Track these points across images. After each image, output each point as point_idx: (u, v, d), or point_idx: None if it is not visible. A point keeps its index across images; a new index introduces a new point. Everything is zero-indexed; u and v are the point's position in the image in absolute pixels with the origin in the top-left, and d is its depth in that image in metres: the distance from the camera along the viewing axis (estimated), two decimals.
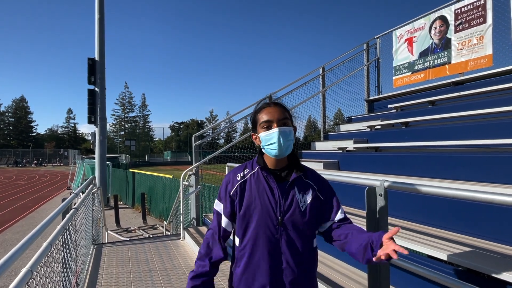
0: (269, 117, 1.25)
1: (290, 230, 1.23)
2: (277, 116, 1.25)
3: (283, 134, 1.23)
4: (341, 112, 6.93)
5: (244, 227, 1.26)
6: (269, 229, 1.22)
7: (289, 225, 1.23)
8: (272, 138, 1.23)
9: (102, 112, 13.96)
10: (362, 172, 4.07)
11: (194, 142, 5.03)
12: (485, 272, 1.57)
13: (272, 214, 1.23)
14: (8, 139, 65.68)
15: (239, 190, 1.29)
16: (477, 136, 3.39)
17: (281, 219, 1.22)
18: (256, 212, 1.23)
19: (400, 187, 1.49)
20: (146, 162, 48.90)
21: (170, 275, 3.45)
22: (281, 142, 1.22)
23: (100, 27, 13.96)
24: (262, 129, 1.27)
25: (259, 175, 1.29)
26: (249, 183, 1.28)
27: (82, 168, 19.19)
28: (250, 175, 1.31)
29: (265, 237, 1.22)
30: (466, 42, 5.02)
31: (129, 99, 72.26)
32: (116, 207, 11.12)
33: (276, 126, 1.23)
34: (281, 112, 1.27)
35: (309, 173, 1.34)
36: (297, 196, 1.26)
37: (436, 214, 2.44)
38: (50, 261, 1.74)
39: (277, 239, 1.22)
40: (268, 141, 1.25)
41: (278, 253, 1.22)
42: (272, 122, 1.24)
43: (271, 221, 1.22)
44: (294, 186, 1.27)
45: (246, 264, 1.24)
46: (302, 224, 1.24)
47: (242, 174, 1.32)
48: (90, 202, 4.34)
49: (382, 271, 1.53)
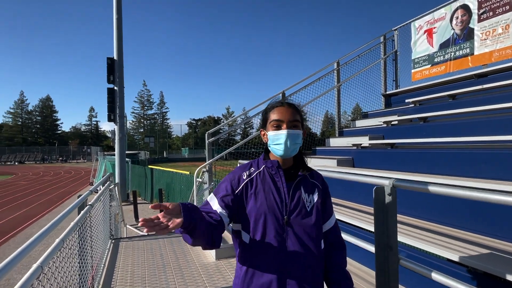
0: (280, 117, 1.24)
1: (296, 229, 1.21)
2: (288, 117, 1.24)
3: (291, 136, 1.22)
4: (359, 107, 6.77)
5: (251, 226, 1.24)
6: (275, 229, 1.20)
7: (295, 224, 1.22)
8: (280, 138, 1.23)
9: (121, 110, 14.35)
10: (376, 170, 3.96)
11: (207, 139, 5.07)
12: (502, 276, 1.49)
13: (278, 213, 1.21)
14: (35, 136, 68.95)
15: (245, 189, 1.26)
16: (501, 132, 3.21)
17: (287, 219, 1.21)
18: (263, 211, 1.22)
19: (409, 187, 1.43)
20: (165, 158, 49.97)
21: (183, 270, 3.50)
22: (287, 144, 1.22)
23: (118, 27, 14.30)
24: (271, 127, 1.26)
25: (265, 174, 1.28)
26: (255, 182, 1.27)
27: (103, 164, 19.85)
28: (256, 173, 1.29)
29: (271, 236, 1.20)
30: (491, 32, 4.75)
31: (148, 97, 73.94)
32: (135, 203, 11.42)
33: (286, 128, 1.23)
34: (293, 114, 1.26)
35: (314, 173, 1.35)
36: (303, 195, 1.25)
37: (452, 213, 2.34)
38: (63, 257, 1.80)
39: (284, 238, 1.21)
40: (275, 141, 1.24)
41: (284, 252, 1.20)
42: (283, 122, 1.24)
43: (277, 220, 1.21)
44: (300, 186, 1.27)
45: (254, 262, 1.23)
46: (308, 224, 1.23)
47: (248, 172, 1.30)
48: (107, 198, 4.48)
49: (390, 272, 1.48)
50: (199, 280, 3.23)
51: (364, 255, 2.35)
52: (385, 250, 1.49)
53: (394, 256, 1.48)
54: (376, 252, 1.51)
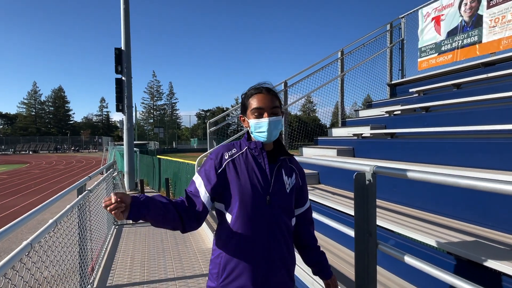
0: (260, 105, 1.25)
1: (276, 209, 1.26)
2: (268, 105, 1.25)
3: (273, 123, 1.25)
4: (370, 97, 6.66)
5: (234, 206, 1.25)
6: (258, 208, 1.23)
7: (276, 204, 1.26)
8: (262, 126, 1.25)
9: (129, 100, 14.51)
10: (376, 159, 3.94)
11: (208, 128, 5.11)
12: (481, 262, 1.49)
13: (261, 193, 1.23)
14: (48, 127, 70.54)
15: (227, 169, 1.26)
16: (505, 121, 3.13)
17: (269, 198, 1.24)
18: (246, 191, 1.23)
19: (389, 173, 1.43)
20: (174, 149, 50.48)
21: (182, 255, 3.60)
22: (271, 131, 1.24)
23: (126, 17, 14.34)
24: (252, 115, 1.27)
25: (248, 155, 1.29)
26: (238, 162, 1.27)
27: (113, 154, 20.22)
28: (239, 154, 1.29)
29: (254, 215, 1.22)
30: (500, 19, 4.58)
31: (157, 87, 74.44)
32: (142, 191, 11.66)
33: (267, 116, 1.24)
34: (272, 101, 1.27)
35: (292, 158, 1.41)
36: (284, 178, 1.31)
37: (445, 202, 2.33)
38: (57, 236, 1.88)
39: (266, 218, 1.24)
40: (258, 129, 1.26)
41: (267, 231, 1.24)
42: (263, 110, 1.25)
43: (260, 200, 1.23)
44: (281, 168, 1.31)
45: (238, 242, 1.24)
46: (286, 205, 1.30)
47: (230, 153, 1.30)
48: (110, 185, 4.59)
49: (369, 257, 1.50)
50: (196, 265, 3.32)
51: (345, 237, 2.38)
52: (365, 235, 1.50)
53: (373, 241, 1.50)
54: (356, 237, 1.53)
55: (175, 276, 3.06)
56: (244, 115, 1.33)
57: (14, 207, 11.14)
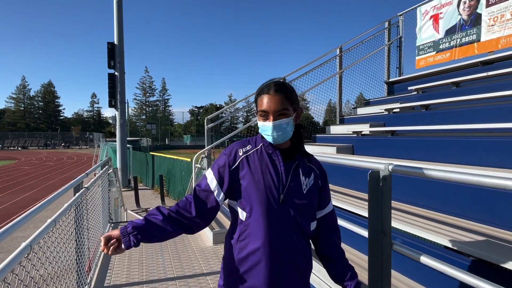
0: (265, 108, 1.21)
1: (291, 209, 1.21)
2: (274, 108, 1.19)
3: (278, 128, 1.20)
4: (363, 96, 6.67)
5: (247, 203, 1.22)
6: (271, 207, 1.19)
7: (290, 204, 1.21)
8: (267, 130, 1.21)
9: (122, 96, 14.28)
10: (376, 157, 3.93)
11: (206, 125, 5.03)
12: (497, 262, 1.47)
13: (275, 191, 1.20)
14: (38, 122, 69.15)
15: (241, 165, 1.24)
16: (504, 119, 3.14)
17: (283, 198, 1.20)
18: (259, 189, 1.20)
19: (405, 171, 1.40)
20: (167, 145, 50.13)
21: (180, 253, 3.54)
22: (275, 135, 1.21)
23: (119, 12, 14.06)
24: (260, 117, 1.24)
25: (263, 152, 1.26)
26: (252, 159, 1.25)
27: (105, 150, 19.94)
28: (254, 151, 1.27)
29: (267, 214, 1.19)
30: (498, 17, 4.60)
31: (150, 83, 73.51)
32: (136, 188, 11.51)
33: (272, 119, 1.19)
34: (280, 103, 1.20)
35: (312, 159, 1.35)
36: (301, 177, 1.25)
37: (452, 201, 2.31)
38: (56, 237, 1.80)
39: (279, 217, 1.20)
40: (264, 132, 1.24)
41: (278, 231, 1.20)
42: (268, 113, 1.20)
43: (274, 198, 1.20)
44: (298, 168, 1.26)
45: (248, 240, 1.22)
46: (302, 205, 1.23)
47: (245, 149, 1.28)
48: (106, 182, 4.49)
49: (383, 257, 1.47)
50: (195, 264, 3.26)
51: (358, 240, 2.34)
52: (379, 235, 1.47)
53: (387, 241, 1.47)
54: (369, 237, 1.49)
55: (174, 276, 3.00)
56: (256, 114, 1.29)
57: (3, 204, 10.88)
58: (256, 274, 1.20)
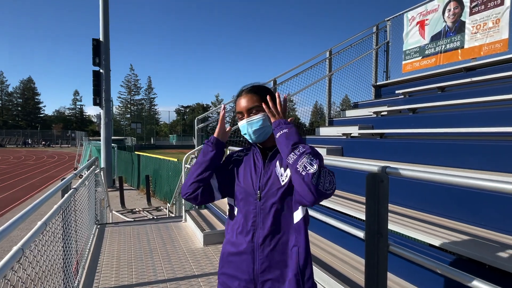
0: (239, 109, 1.29)
1: (268, 204, 1.22)
2: (245, 106, 1.26)
3: (251, 124, 1.25)
4: (348, 98, 6.79)
5: (235, 201, 1.33)
6: (250, 204, 1.25)
7: (267, 199, 1.23)
8: (243, 129, 1.28)
9: (107, 94, 13.97)
10: (366, 159, 4.00)
11: (196, 125, 4.99)
12: (487, 262, 1.53)
13: (252, 189, 1.26)
14: (16, 119, 66.61)
15: (233, 166, 1.35)
16: (487, 124, 3.27)
17: (259, 194, 1.24)
18: (242, 188, 1.28)
19: (402, 174, 1.43)
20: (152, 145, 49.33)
21: (171, 255, 3.49)
22: (250, 133, 1.26)
23: (104, 7, 13.75)
24: (239, 120, 1.31)
25: (251, 155, 1.34)
26: (241, 161, 1.35)
27: (89, 149, 19.42)
28: (244, 155, 1.37)
29: (247, 211, 1.26)
30: (481, 26, 4.79)
31: (135, 81, 72.11)
32: (121, 189, 11.27)
33: (246, 117, 1.26)
34: (249, 101, 1.27)
35: None
36: (277, 170, 1.25)
37: (438, 202, 2.39)
38: (45, 240, 1.74)
39: (256, 213, 1.24)
40: (242, 131, 1.29)
41: (256, 227, 1.23)
42: (242, 114, 1.27)
43: (252, 196, 1.26)
44: (276, 161, 1.27)
45: (233, 236, 1.29)
46: (279, 198, 1.21)
47: (239, 154, 1.39)
48: (92, 183, 4.37)
49: (380, 258, 1.50)
50: (186, 265, 3.22)
51: (353, 242, 2.38)
52: (375, 236, 1.50)
53: (384, 242, 1.50)
54: (366, 239, 1.52)
55: (165, 278, 2.95)
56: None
57: None
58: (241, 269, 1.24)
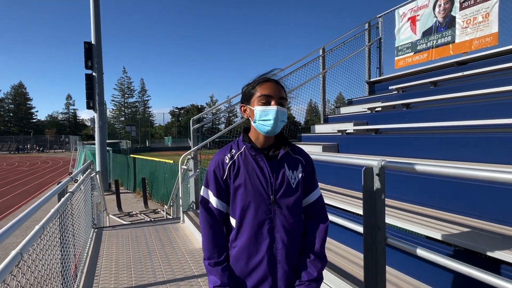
0: (269, 92, 1.21)
1: (283, 208, 1.21)
2: (278, 94, 1.23)
3: (281, 113, 1.21)
4: (342, 95, 6.83)
5: (238, 209, 1.23)
6: (262, 209, 1.20)
7: (283, 203, 1.21)
8: (269, 114, 1.19)
9: (101, 97, 13.86)
10: (361, 155, 4.03)
11: (192, 125, 4.97)
12: (482, 252, 1.55)
13: (264, 194, 1.20)
14: (9, 125, 65.71)
15: (230, 172, 1.24)
16: (479, 116, 3.32)
17: (273, 198, 1.20)
18: (248, 193, 1.20)
19: (397, 167, 1.45)
20: (147, 147, 49.01)
21: (170, 257, 3.48)
22: (276, 121, 1.19)
23: (96, 10, 13.65)
24: (259, 102, 1.22)
25: (247, 155, 1.24)
26: (237, 164, 1.24)
27: (83, 154, 19.25)
28: (238, 155, 1.25)
29: (259, 217, 1.19)
30: (471, 20, 4.85)
31: (128, 84, 71.58)
32: (118, 192, 11.20)
33: (275, 104, 1.20)
34: (281, 91, 1.25)
35: (296, 148, 1.33)
36: (287, 173, 1.24)
37: (435, 195, 2.42)
38: (44, 244, 1.73)
39: (271, 218, 1.20)
40: (264, 117, 1.20)
41: (272, 232, 1.20)
42: (272, 98, 1.21)
43: (264, 201, 1.20)
44: (284, 163, 1.25)
45: (242, 245, 1.22)
46: (294, 201, 1.23)
47: (230, 155, 1.26)
48: (88, 186, 4.34)
49: (378, 251, 1.51)
50: (186, 266, 3.22)
51: (351, 237, 2.40)
52: (373, 229, 1.51)
53: (381, 235, 1.51)
54: (364, 232, 1.54)
55: (165, 279, 2.95)
56: (247, 103, 1.27)
57: None
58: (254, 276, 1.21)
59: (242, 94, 1.32)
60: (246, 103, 1.28)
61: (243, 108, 1.30)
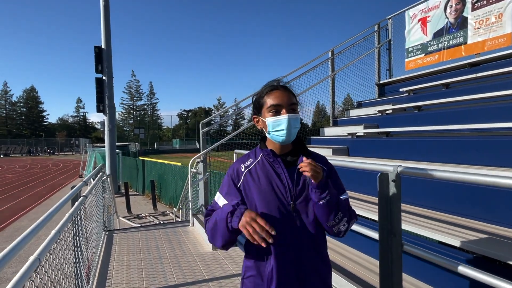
0: (278, 101, 1.19)
1: (303, 214, 1.19)
2: (287, 101, 1.19)
3: (293, 121, 1.18)
4: (350, 98, 6.78)
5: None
6: (282, 216, 1.17)
7: (302, 209, 1.19)
8: (281, 124, 1.17)
9: (111, 101, 14.05)
10: (372, 158, 3.99)
11: (201, 129, 5.00)
12: (504, 260, 1.51)
13: (284, 200, 1.18)
14: (21, 128, 67.12)
15: (246, 181, 1.23)
16: (493, 119, 3.25)
17: (293, 205, 1.18)
18: (267, 200, 1.18)
19: (414, 173, 1.43)
20: (156, 150, 49.50)
21: (180, 260, 3.49)
22: (290, 129, 1.17)
23: (106, 15, 13.87)
24: (269, 113, 1.20)
25: (264, 162, 1.24)
26: (255, 172, 1.23)
27: (93, 156, 19.52)
28: (255, 163, 1.25)
29: (280, 224, 1.16)
30: (484, 21, 4.76)
31: (137, 87, 72.50)
32: (127, 194, 11.31)
33: (286, 112, 1.18)
34: (290, 97, 1.21)
35: (315, 155, 1.30)
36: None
37: (450, 200, 2.37)
38: (59, 248, 1.75)
39: (293, 225, 1.18)
40: (276, 127, 1.19)
41: (296, 238, 1.18)
42: (282, 107, 1.18)
43: (284, 207, 1.18)
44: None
45: (262, 253, 1.19)
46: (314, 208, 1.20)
47: (247, 164, 1.27)
48: (100, 190, 4.40)
49: (394, 258, 1.49)
50: (196, 270, 3.23)
51: (365, 243, 2.37)
52: (389, 236, 1.49)
53: (397, 242, 1.49)
54: (380, 239, 1.51)
55: (176, 283, 2.96)
56: (259, 115, 1.26)
57: None
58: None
59: (252, 105, 1.31)
60: (258, 114, 1.27)
61: (255, 120, 1.29)
